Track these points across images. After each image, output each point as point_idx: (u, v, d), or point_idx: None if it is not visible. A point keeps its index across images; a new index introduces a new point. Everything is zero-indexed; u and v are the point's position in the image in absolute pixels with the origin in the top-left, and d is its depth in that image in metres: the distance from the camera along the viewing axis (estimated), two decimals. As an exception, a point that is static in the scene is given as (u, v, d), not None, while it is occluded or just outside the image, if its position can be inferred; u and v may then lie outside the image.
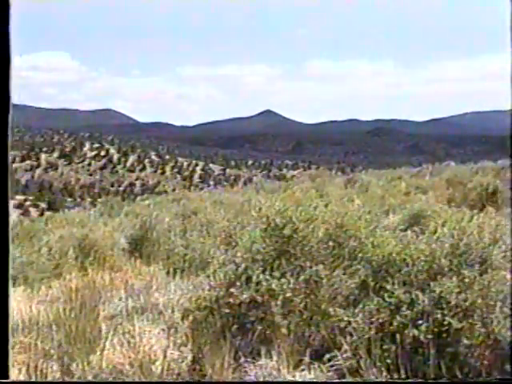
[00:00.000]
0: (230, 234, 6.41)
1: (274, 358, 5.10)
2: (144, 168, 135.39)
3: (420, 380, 4.91)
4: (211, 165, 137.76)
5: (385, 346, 5.02)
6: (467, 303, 5.02)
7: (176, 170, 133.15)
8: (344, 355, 5.08)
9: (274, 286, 5.42)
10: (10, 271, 3.78)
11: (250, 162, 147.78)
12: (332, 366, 5.11)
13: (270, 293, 5.43)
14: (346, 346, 5.09)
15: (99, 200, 51.94)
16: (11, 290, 4.17)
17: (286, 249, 5.78)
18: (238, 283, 5.54)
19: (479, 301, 5.03)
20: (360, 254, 5.77)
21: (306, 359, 5.16)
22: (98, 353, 5.28)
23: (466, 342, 4.96)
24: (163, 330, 5.67)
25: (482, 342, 4.99)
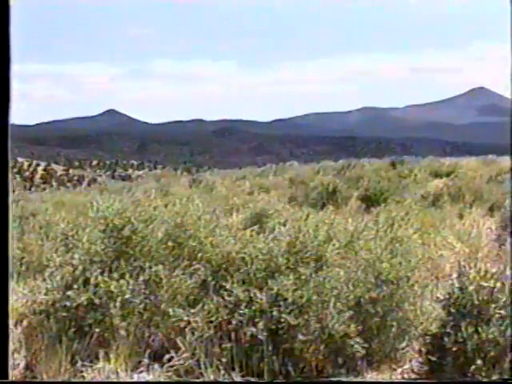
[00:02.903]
0: (69, 235, 6.26)
1: (112, 360, 5.03)
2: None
3: (421, 381, 4.99)
4: (53, 165, 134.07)
5: (223, 345, 5.07)
6: (303, 300, 5.15)
7: (16, 170, 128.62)
8: (183, 355, 5.09)
9: (112, 287, 5.35)
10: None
11: (94, 162, 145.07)
12: (171, 366, 5.10)
13: (108, 294, 5.35)
14: (185, 346, 5.09)
15: None
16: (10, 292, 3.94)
17: (125, 250, 5.71)
18: (75, 286, 5.42)
19: (314, 297, 5.17)
20: (200, 254, 5.79)
21: (145, 360, 5.13)
22: None
23: (301, 338, 5.09)
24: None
25: (317, 338, 5.14)
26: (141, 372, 5.04)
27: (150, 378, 4.99)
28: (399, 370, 5.35)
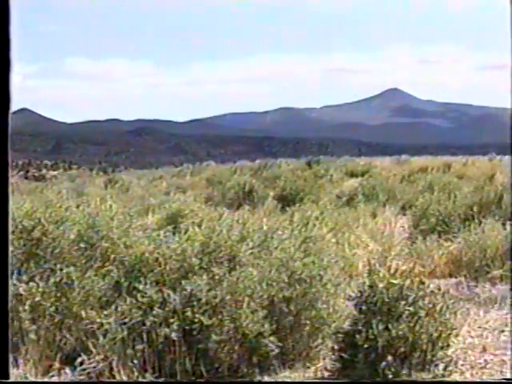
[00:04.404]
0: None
1: (21, 366, 4.92)
2: None
3: (415, 380, 4.97)
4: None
5: (137, 347, 5.03)
6: (217, 300, 5.15)
7: None
8: (96, 357, 5.01)
9: (21, 290, 5.23)
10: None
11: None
12: (84, 369, 5.02)
13: (17, 298, 5.23)
14: (98, 349, 5.02)
15: None
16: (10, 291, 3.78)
17: (35, 251, 5.61)
18: (-18, 289, 5.27)
19: (228, 297, 5.18)
20: (113, 255, 5.74)
21: (56, 364, 5.04)
22: None
23: (215, 337, 5.09)
24: None
25: (231, 337, 5.15)
26: (52, 376, 4.95)
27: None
28: (313, 368, 5.41)
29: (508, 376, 5.29)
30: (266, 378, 5.23)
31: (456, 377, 5.04)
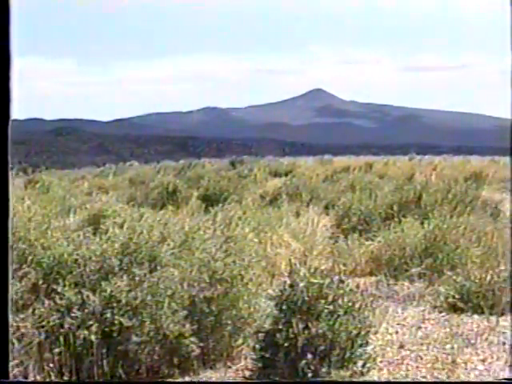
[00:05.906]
0: None
1: None
2: None
3: (415, 381, 4.90)
4: None
5: (54, 350, 4.94)
6: (137, 301, 5.11)
7: None
8: (11, 363, 4.90)
9: None
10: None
11: None
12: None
13: None
14: (13, 353, 4.91)
15: None
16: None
17: None
18: None
19: (148, 298, 5.14)
20: (30, 257, 5.62)
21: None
22: None
23: (135, 339, 5.04)
24: None
25: (152, 338, 5.11)
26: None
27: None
28: (234, 368, 5.42)
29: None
30: (187, 379, 5.22)
31: (374, 374, 5.13)
